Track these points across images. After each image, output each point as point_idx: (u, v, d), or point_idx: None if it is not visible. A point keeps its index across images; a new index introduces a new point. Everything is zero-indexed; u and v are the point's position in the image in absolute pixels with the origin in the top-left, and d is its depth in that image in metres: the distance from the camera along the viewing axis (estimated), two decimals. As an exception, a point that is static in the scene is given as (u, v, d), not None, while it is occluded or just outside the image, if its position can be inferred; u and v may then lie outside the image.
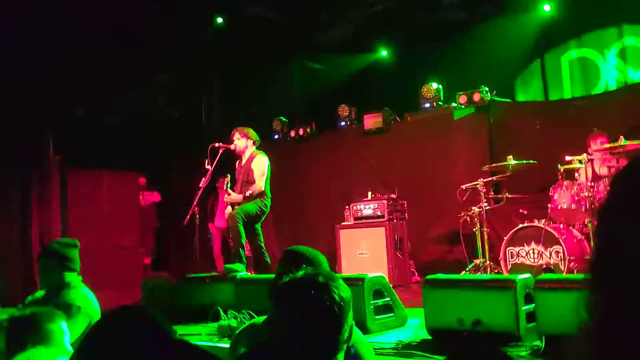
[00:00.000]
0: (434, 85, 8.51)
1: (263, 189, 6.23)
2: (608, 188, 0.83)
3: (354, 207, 7.71)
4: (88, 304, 3.46)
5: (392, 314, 4.77)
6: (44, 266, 3.56)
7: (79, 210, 8.06)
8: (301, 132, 9.79)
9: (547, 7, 8.73)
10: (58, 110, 8.01)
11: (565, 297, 3.54)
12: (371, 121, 8.91)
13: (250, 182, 6.24)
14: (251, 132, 6.51)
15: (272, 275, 2.57)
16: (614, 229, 0.77)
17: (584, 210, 5.65)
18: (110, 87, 8.56)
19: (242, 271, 5.80)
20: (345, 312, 1.61)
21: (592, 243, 5.51)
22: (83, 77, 8.15)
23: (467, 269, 6.37)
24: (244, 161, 6.44)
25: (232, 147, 6.38)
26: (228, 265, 6.00)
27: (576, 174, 5.84)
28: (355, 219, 7.65)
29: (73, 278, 3.53)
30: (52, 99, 7.80)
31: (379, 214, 7.46)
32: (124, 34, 8.41)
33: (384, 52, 10.04)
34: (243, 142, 6.42)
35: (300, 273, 1.71)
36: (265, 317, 2.41)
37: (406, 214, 7.63)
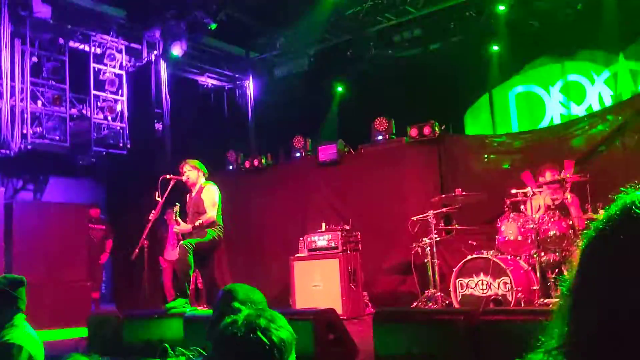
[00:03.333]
0: (386, 118, 8.68)
1: (214, 219, 6.17)
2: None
3: (308, 239, 7.69)
4: (30, 344, 3.35)
5: (343, 348, 4.75)
6: None
7: (24, 243, 7.80)
8: (256, 162, 9.79)
9: (495, 47, 9.09)
10: (3, 142, 7.79)
11: (511, 328, 3.62)
12: (326, 152, 8.98)
13: (201, 212, 6.18)
14: (199, 164, 6.48)
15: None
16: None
17: (529, 241, 5.80)
18: (55, 114, 8.40)
19: (183, 307, 5.69)
20: (284, 353, 1.61)
21: (538, 274, 5.65)
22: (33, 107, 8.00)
23: (419, 300, 6.43)
24: (194, 193, 6.38)
25: (183, 178, 6.32)
26: (169, 304, 5.89)
27: (522, 207, 6.00)
28: (310, 250, 7.63)
29: (17, 317, 3.40)
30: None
31: (333, 245, 7.47)
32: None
33: (339, 88, 10.22)
34: (194, 173, 6.38)
35: (244, 313, 1.70)
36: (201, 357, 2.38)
37: (360, 245, 7.66)
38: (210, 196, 6.22)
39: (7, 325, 3.33)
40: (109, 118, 8.98)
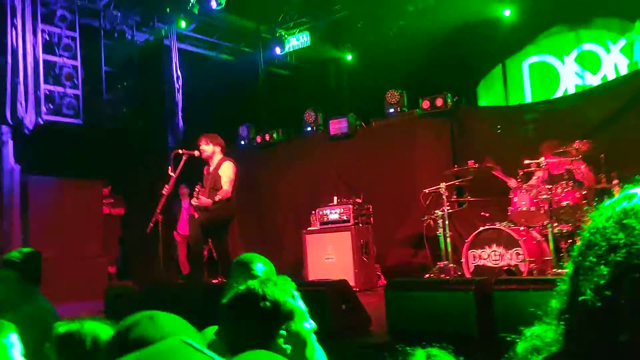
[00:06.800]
0: (398, 91, 8.61)
1: (230, 194, 6.24)
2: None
3: (320, 212, 7.73)
4: (47, 316, 3.41)
5: (356, 319, 4.80)
6: (2, 277, 3.49)
7: (41, 219, 7.90)
8: (267, 137, 9.79)
9: (507, 12, 8.90)
10: (18, 119, 7.84)
11: (524, 298, 3.63)
12: (337, 126, 8.96)
13: (218, 188, 6.24)
14: (218, 138, 6.52)
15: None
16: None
17: (542, 212, 5.78)
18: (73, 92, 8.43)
19: None
20: (279, 308, 1.75)
21: (550, 245, 5.63)
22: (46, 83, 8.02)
23: (431, 272, 6.46)
24: (212, 167, 6.44)
25: (195, 153, 6.36)
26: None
27: (534, 177, 5.97)
28: (322, 223, 7.67)
29: (33, 289, 3.46)
30: (13, 107, 7.65)
31: (345, 218, 7.49)
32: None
33: (349, 57, 10.12)
34: (210, 148, 6.42)
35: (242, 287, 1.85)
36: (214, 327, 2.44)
37: (371, 218, 7.68)
38: (228, 172, 6.27)
39: (24, 298, 3.40)
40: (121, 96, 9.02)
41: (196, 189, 6.26)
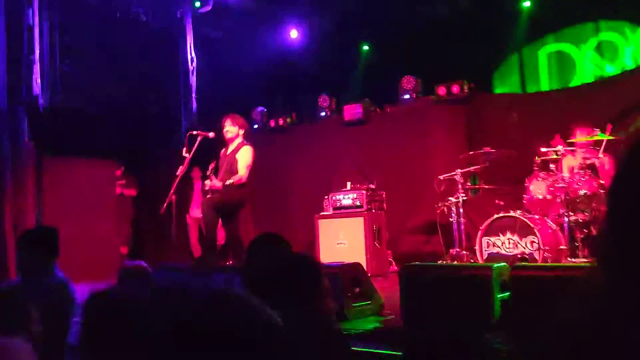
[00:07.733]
0: (414, 77, 8.54)
1: (245, 180, 6.18)
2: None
3: (333, 197, 7.72)
4: (66, 290, 3.44)
5: (368, 302, 4.80)
6: (24, 252, 3.51)
7: (55, 198, 7.94)
8: (281, 122, 9.76)
9: (527, 3, 8.80)
10: (34, 97, 7.86)
11: (539, 284, 3.61)
12: (351, 112, 8.91)
13: (234, 171, 6.18)
14: (243, 121, 6.47)
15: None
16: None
17: (559, 201, 5.73)
18: (89, 73, 8.43)
19: None
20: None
21: (566, 234, 5.59)
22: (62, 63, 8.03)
23: (443, 259, 6.44)
24: (229, 150, 6.36)
25: (210, 135, 6.32)
26: None
27: (551, 165, 5.92)
28: (334, 209, 7.67)
29: (52, 265, 3.49)
30: (28, 85, 7.66)
31: (358, 204, 7.48)
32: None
33: (365, 47, 10.04)
34: (235, 129, 6.35)
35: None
36: None
37: (384, 204, 7.66)
38: (246, 157, 6.20)
39: (44, 272, 3.43)
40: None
41: (210, 167, 6.21)
